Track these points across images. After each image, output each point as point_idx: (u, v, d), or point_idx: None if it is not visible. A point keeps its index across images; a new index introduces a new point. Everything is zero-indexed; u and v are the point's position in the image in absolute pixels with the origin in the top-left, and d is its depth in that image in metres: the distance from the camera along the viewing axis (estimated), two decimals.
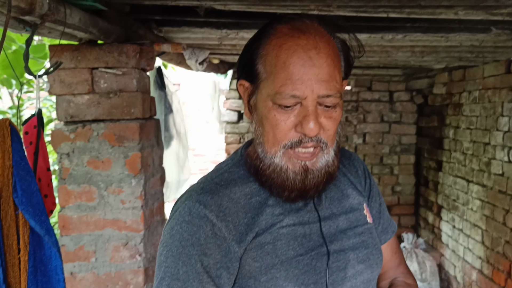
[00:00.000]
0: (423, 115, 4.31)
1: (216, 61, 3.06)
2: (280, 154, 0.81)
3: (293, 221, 0.85)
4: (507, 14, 1.54)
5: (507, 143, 2.85)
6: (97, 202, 1.74)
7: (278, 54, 0.78)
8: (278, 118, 0.79)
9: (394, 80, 4.30)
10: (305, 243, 0.84)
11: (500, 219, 2.95)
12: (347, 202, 0.94)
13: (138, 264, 1.76)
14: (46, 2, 1.15)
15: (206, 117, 6.50)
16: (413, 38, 2.04)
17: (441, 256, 3.99)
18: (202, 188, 0.85)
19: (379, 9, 1.52)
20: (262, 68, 0.82)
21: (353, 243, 0.89)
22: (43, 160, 1.29)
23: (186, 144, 2.98)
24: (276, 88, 0.78)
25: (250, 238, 0.81)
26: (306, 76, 0.76)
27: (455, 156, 3.67)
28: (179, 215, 0.82)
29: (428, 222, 4.28)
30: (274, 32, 0.81)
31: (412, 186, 4.49)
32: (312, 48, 0.77)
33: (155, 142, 1.99)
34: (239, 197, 0.85)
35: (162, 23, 1.96)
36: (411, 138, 4.40)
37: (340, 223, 0.90)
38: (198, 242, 0.78)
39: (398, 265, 1.08)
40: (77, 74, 1.72)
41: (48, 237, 1.16)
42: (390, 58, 2.95)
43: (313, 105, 0.77)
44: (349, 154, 1.05)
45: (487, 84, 3.12)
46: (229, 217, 0.81)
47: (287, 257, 0.81)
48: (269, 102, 0.80)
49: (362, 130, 4.37)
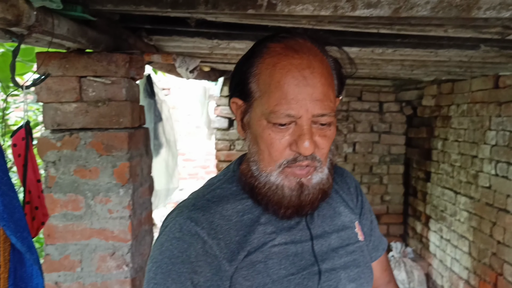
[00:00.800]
0: (412, 126, 4.36)
1: (207, 68, 3.07)
2: (276, 173, 0.81)
3: (285, 240, 0.85)
4: (495, 33, 1.56)
5: (495, 157, 2.89)
6: (83, 211, 1.72)
7: (272, 73, 0.79)
8: (273, 137, 0.79)
9: (384, 91, 4.35)
10: (297, 262, 0.84)
11: (487, 231, 2.99)
12: (339, 220, 0.94)
13: (125, 275, 1.75)
14: (33, 13, 1.14)
15: (196, 122, 6.50)
16: (403, 53, 2.06)
17: (428, 265, 4.02)
18: (194, 205, 0.84)
19: (369, 25, 1.54)
20: (255, 86, 0.82)
21: (345, 262, 0.89)
22: (32, 171, 1.27)
23: (176, 152, 2.97)
24: (270, 107, 0.78)
25: (241, 256, 0.80)
26: (301, 95, 0.77)
27: (443, 168, 3.71)
28: (170, 231, 0.81)
29: (416, 232, 4.31)
30: (267, 51, 0.81)
31: (401, 196, 4.53)
32: (306, 67, 0.78)
33: (144, 151, 1.97)
34: (231, 214, 0.84)
35: (152, 32, 1.95)
36: (400, 149, 4.45)
37: (332, 241, 0.90)
38: (189, 259, 0.77)
39: (388, 282, 1.09)
40: (65, 82, 1.70)
41: (30, 255, 1.13)
42: (380, 70, 2.98)
43: (308, 124, 0.78)
44: (342, 171, 1.05)
45: (475, 98, 3.17)
46: (220, 234, 0.81)
47: (279, 276, 0.81)
48: (263, 121, 0.80)
49: (352, 139, 4.40)
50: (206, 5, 1.41)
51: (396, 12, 1.24)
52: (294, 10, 1.34)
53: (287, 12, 1.35)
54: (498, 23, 1.38)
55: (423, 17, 1.27)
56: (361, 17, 1.32)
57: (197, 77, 2.86)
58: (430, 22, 1.41)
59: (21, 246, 1.10)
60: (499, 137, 2.84)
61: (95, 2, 1.42)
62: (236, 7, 1.38)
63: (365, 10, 1.26)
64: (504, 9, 1.23)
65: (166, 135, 2.79)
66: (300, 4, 1.32)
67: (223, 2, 1.39)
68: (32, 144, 1.29)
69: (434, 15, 1.25)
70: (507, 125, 2.75)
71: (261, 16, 1.52)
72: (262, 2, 1.36)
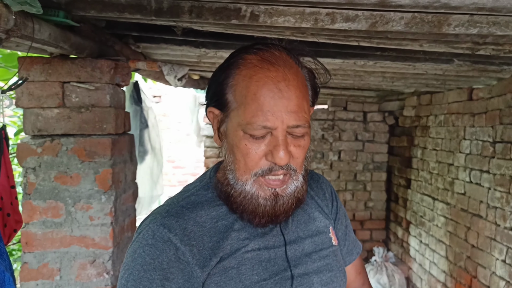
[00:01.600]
0: (394, 135, 4.46)
1: (196, 77, 3.07)
2: (251, 182, 0.82)
3: (259, 246, 0.85)
4: (466, 48, 1.63)
5: (469, 165, 2.99)
6: (63, 218, 1.70)
7: (248, 85, 0.79)
8: (249, 147, 0.80)
9: (368, 101, 4.44)
10: (270, 268, 0.84)
11: (462, 235, 3.09)
12: (313, 225, 0.95)
13: (106, 282, 1.73)
14: (11, 17, 1.13)
15: (186, 129, 6.50)
16: (383, 65, 2.11)
17: (409, 269, 4.10)
18: (168, 211, 0.85)
19: (350, 38, 1.57)
20: (232, 97, 0.82)
21: (318, 267, 0.90)
22: (5, 177, 1.26)
23: (161, 160, 2.96)
24: (247, 118, 0.79)
25: (214, 263, 0.81)
26: (276, 107, 0.78)
27: (422, 175, 3.80)
28: (143, 238, 0.81)
29: (397, 237, 4.39)
30: (243, 63, 0.82)
31: (384, 202, 4.62)
32: (282, 80, 0.79)
33: (128, 157, 1.97)
34: (205, 220, 0.84)
35: (140, 39, 1.95)
36: (383, 157, 4.53)
37: (305, 246, 0.91)
38: (161, 266, 0.78)
39: (362, 285, 1.11)
40: (47, 88, 1.69)
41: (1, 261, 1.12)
42: (363, 81, 3.03)
43: (283, 135, 0.79)
44: (318, 177, 1.07)
45: (451, 109, 3.27)
46: (193, 241, 0.81)
47: (251, 282, 0.81)
48: (240, 132, 0.81)
49: (337, 147, 4.46)
50: (190, 14, 1.43)
51: (373, 26, 1.28)
52: (276, 21, 1.37)
53: (270, 23, 1.38)
54: (468, 39, 1.43)
55: (398, 31, 1.31)
56: (341, 30, 1.36)
57: (186, 85, 2.87)
58: (405, 36, 1.45)
59: None
60: (473, 146, 2.95)
61: (78, 8, 1.42)
62: (220, 17, 1.40)
63: (344, 24, 1.29)
64: (472, 26, 1.28)
65: (152, 142, 2.78)
66: (282, 16, 1.35)
67: (207, 11, 1.40)
68: (7, 150, 1.28)
69: (408, 30, 1.29)
70: (480, 135, 2.85)
71: (246, 27, 1.54)
72: (245, 13, 1.39)
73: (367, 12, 1.25)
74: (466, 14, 1.26)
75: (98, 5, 1.40)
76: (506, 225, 2.52)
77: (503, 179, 2.56)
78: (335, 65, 2.20)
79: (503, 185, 2.56)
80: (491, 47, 1.60)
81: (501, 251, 2.57)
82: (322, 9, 1.27)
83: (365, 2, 1.16)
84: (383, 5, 1.18)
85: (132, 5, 1.41)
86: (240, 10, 1.38)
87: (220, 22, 1.43)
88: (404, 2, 1.15)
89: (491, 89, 2.73)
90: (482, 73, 2.32)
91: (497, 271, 2.61)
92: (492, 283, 2.67)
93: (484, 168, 2.78)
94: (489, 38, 1.41)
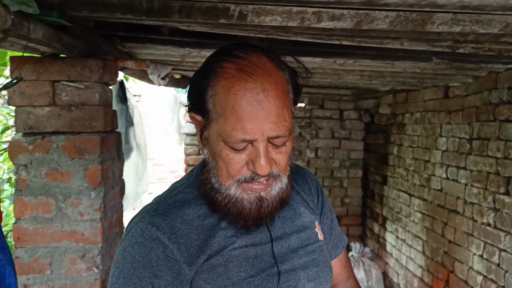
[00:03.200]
0: (370, 132, 4.58)
1: (177, 76, 3.12)
2: (235, 187, 0.83)
3: (245, 243, 0.87)
4: (446, 46, 1.69)
5: (445, 161, 3.07)
6: (54, 214, 1.73)
7: (226, 97, 0.79)
8: (230, 157, 0.81)
9: (344, 100, 4.56)
10: (257, 264, 0.86)
11: (439, 231, 3.16)
12: (299, 221, 0.97)
13: (95, 277, 1.76)
14: (9, 17, 1.16)
15: (166, 128, 6.55)
16: (363, 64, 2.19)
17: (385, 264, 4.20)
18: (156, 210, 0.86)
19: (333, 37, 1.64)
20: (212, 107, 0.82)
21: (304, 262, 0.92)
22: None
23: (145, 157, 2.99)
24: (226, 131, 0.79)
25: (201, 260, 0.82)
26: (256, 119, 0.77)
27: (398, 172, 3.91)
28: (132, 236, 0.82)
29: (374, 232, 4.50)
30: (221, 72, 0.81)
31: (360, 199, 4.74)
32: (260, 91, 0.78)
33: (116, 154, 2.00)
34: (192, 219, 0.86)
35: (126, 39, 1.98)
36: (359, 154, 4.66)
37: (292, 242, 0.93)
38: (150, 264, 0.79)
39: (347, 278, 1.14)
40: (38, 86, 1.72)
41: (3, 255, 1.14)
42: (341, 80, 3.11)
43: (263, 146, 0.79)
44: (303, 172, 1.09)
45: (427, 107, 3.36)
46: (181, 239, 0.82)
47: (238, 278, 0.83)
48: (221, 142, 0.81)
49: (314, 145, 4.57)
50: (180, 13, 1.46)
51: (358, 24, 1.34)
52: (263, 20, 1.41)
53: (257, 23, 1.42)
54: (449, 37, 1.50)
55: (382, 30, 1.38)
56: (325, 28, 1.41)
57: (168, 84, 2.91)
58: (388, 35, 1.51)
59: None
60: (449, 143, 3.03)
61: (71, 8, 1.44)
62: (209, 16, 1.44)
63: (330, 23, 1.35)
64: (455, 24, 1.34)
65: (137, 140, 2.81)
66: (270, 15, 1.39)
67: (196, 11, 1.43)
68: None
69: (393, 28, 1.35)
70: (456, 132, 2.93)
71: (232, 26, 1.59)
72: (233, 13, 1.42)
73: (352, 11, 1.30)
74: (450, 13, 1.31)
75: (91, 5, 1.43)
76: (483, 220, 2.58)
77: (480, 175, 2.62)
78: (315, 63, 2.27)
79: (480, 181, 2.61)
80: (471, 45, 1.65)
81: (478, 246, 2.63)
82: (309, 8, 1.31)
83: (352, 1, 1.20)
84: (369, 4, 1.22)
85: (123, 5, 1.44)
86: (228, 9, 1.41)
87: (209, 22, 1.46)
88: (390, 1, 1.19)
89: (467, 87, 2.79)
90: (459, 71, 2.38)
91: (475, 266, 2.67)
92: (470, 278, 2.73)
93: (461, 165, 2.85)
94: (470, 36, 1.46)
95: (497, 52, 1.80)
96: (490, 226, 2.51)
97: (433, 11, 1.30)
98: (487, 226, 2.55)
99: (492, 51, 1.80)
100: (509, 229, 2.33)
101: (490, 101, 2.53)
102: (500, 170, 2.41)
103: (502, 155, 2.41)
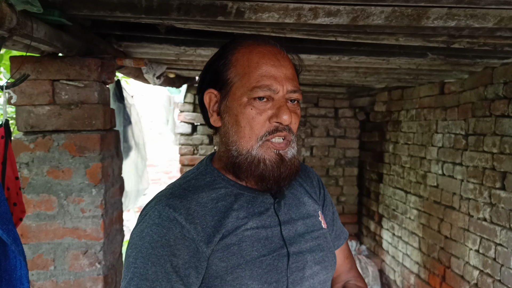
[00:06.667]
0: (365, 130, 4.60)
1: (172, 75, 3.14)
2: (257, 147, 0.90)
3: (256, 224, 0.91)
4: (441, 41, 1.72)
5: (441, 158, 3.09)
6: (56, 211, 1.75)
7: (250, 57, 0.91)
8: (254, 112, 0.89)
9: (339, 98, 4.59)
10: (268, 245, 0.90)
11: (435, 227, 3.19)
12: (304, 209, 1.01)
13: (98, 272, 1.79)
14: (15, 16, 1.18)
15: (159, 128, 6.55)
16: (358, 60, 2.21)
17: (382, 261, 4.23)
18: (171, 193, 0.90)
19: (328, 33, 1.67)
20: (233, 73, 0.92)
21: (310, 246, 0.96)
22: (11, 169, 1.31)
23: (145, 155, 3.02)
24: (252, 83, 0.89)
25: (217, 239, 0.86)
26: (277, 74, 0.90)
27: (394, 169, 3.93)
28: (149, 218, 0.86)
29: (370, 230, 4.53)
30: (240, 45, 0.94)
31: (356, 197, 4.76)
32: (278, 53, 0.93)
33: (115, 152, 2.02)
34: (206, 201, 0.90)
35: (122, 38, 1.99)
36: (355, 152, 4.69)
37: (298, 227, 0.97)
38: (168, 243, 0.82)
39: (349, 269, 1.16)
40: (38, 86, 1.74)
41: (15, 246, 1.16)
42: (336, 77, 3.14)
43: (284, 98, 0.90)
44: (305, 167, 1.14)
45: (423, 103, 3.39)
46: (197, 219, 0.86)
47: (251, 257, 0.87)
48: (244, 99, 0.89)
49: (309, 143, 4.60)
50: (178, 11, 1.47)
51: (354, 20, 1.37)
52: (260, 17, 1.43)
53: (254, 19, 1.44)
54: (445, 32, 1.53)
55: (378, 25, 1.41)
56: (321, 25, 1.44)
57: (162, 83, 2.93)
58: (383, 30, 1.54)
59: (7, 238, 1.13)
60: (445, 139, 3.05)
61: (71, 7, 1.46)
62: (207, 14, 1.46)
63: (326, 19, 1.38)
64: (450, 19, 1.37)
65: (135, 138, 2.84)
66: (267, 12, 1.41)
67: (194, 9, 1.45)
68: (11, 143, 1.33)
69: (388, 23, 1.38)
70: (452, 128, 2.95)
71: (228, 24, 1.60)
72: (231, 10, 1.44)
73: (348, 7, 1.33)
74: (445, 7, 1.34)
75: (91, 4, 1.44)
76: (479, 215, 2.59)
77: (476, 171, 2.63)
78: (310, 61, 2.29)
79: (476, 176, 2.62)
80: (466, 40, 1.68)
81: (475, 241, 2.64)
82: (306, 5, 1.34)
83: None
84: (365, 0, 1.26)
85: (123, 4, 1.45)
86: (226, 6, 1.43)
87: (206, 19, 1.48)
88: None
89: (463, 83, 2.81)
90: (455, 66, 2.40)
91: (471, 260, 2.69)
92: (466, 273, 2.75)
93: (457, 161, 2.86)
94: (465, 31, 1.49)
95: (492, 46, 1.83)
96: (486, 221, 2.53)
97: (428, 5, 1.33)
98: (483, 221, 2.56)
99: (487, 46, 1.82)
100: (505, 223, 2.35)
101: (485, 97, 2.54)
102: (496, 165, 2.43)
103: (498, 150, 2.42)
